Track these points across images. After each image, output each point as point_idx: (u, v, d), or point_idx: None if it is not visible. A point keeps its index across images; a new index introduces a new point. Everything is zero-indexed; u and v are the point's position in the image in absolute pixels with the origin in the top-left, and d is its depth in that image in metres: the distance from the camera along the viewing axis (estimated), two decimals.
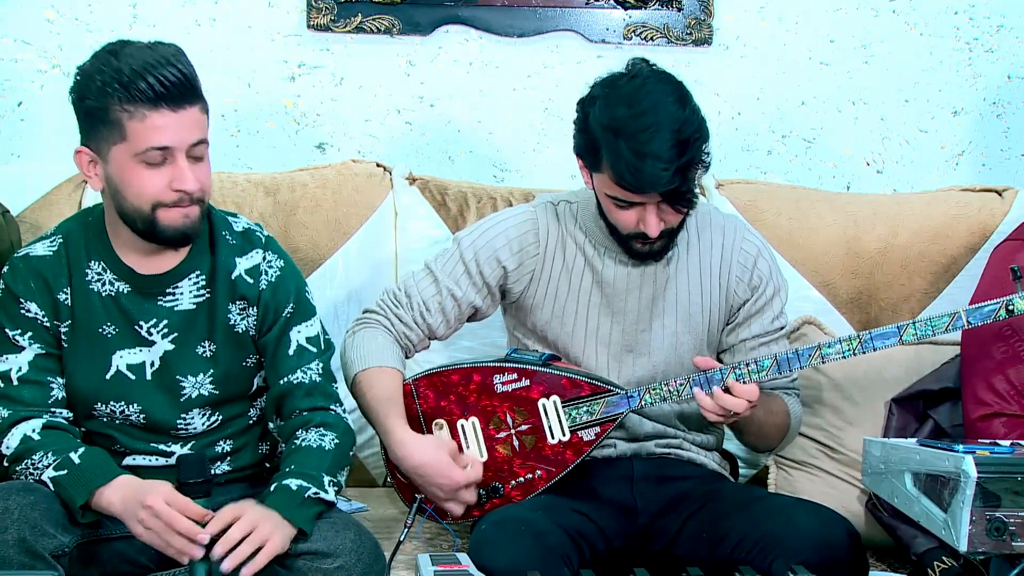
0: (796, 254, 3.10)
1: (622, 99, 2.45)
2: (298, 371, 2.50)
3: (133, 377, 2.46)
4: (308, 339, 2.52)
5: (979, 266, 2.93)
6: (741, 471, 3.02)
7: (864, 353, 2.49)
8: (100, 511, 2.32)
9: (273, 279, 2.51)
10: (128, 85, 2.27)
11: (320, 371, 2.52)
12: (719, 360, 2.68)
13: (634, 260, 2.61)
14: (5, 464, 2.41)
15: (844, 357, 2.49)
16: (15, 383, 2.43)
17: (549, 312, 2.66)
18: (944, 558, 2.56)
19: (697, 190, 2.50)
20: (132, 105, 2.28)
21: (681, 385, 2.54)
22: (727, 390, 2.48)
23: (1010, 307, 2.45)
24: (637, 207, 2.49)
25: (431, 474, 2.54)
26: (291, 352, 2.50)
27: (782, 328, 2.70)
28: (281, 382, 2.51)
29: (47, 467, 2.33)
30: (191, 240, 2.41)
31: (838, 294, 3.13)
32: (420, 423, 2.63)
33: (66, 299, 2.44)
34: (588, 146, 2.50)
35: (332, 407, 2.52)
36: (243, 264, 2.50)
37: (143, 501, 2.24)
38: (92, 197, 2.97)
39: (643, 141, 2.40)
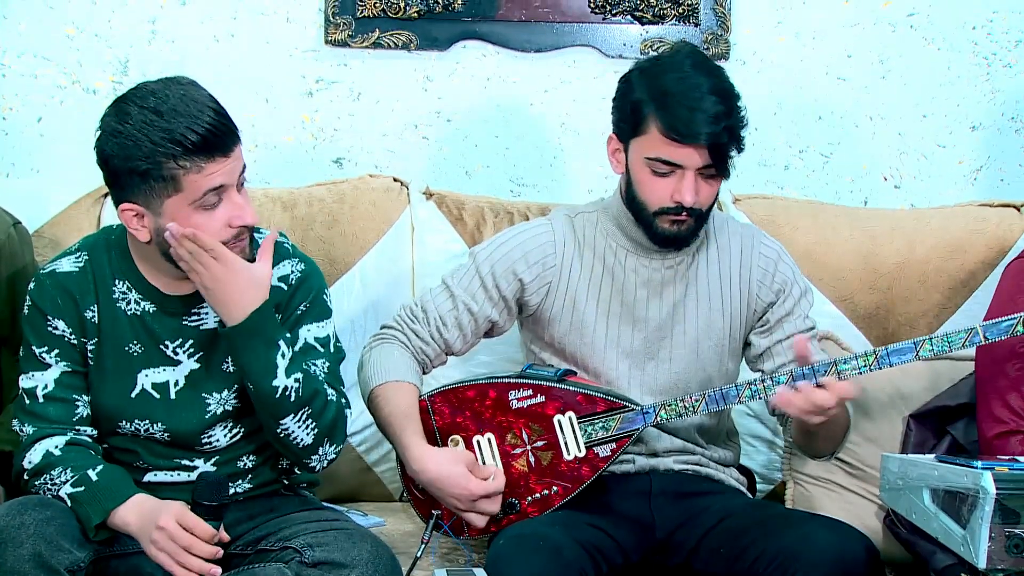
0: (813, 269, 3.10)
1: (669, 68, 2.54)
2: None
3: (158, 396, 2.46)
4: (317, 339, 2.52)
5: (996, 281, 2.92)
6: (759, 487, 3.02)
7: (880, 368, 2.47)
8: (116, 530, 2.33)
9: (294, 281, 2.51)
10: (183, 143, 2.26)
11: (326, 370, 2.51)
12: (753, 364, 2.70)
13: (658, 247, 2.60)
14: (25, 478, 2.41)
15: (860, 373, 2.47)
16: (41, 400, 2.44)
17: (567, 324, 2.67)
18: (963, 575, 2.55)
19: (732, 170, 2.56)
20: (188, 161, 2.27)
21: (697, 401, 2.54)
22: (819, 386, 2.43)
23: None
24: (675, 175, 2.51)
25: (448, 486, 2.53)
26: (297, 348, 2.49)
27: (812, 328, 2.71)
28: None
29: (65, 483, 2.34)
30: None
31: (856, 309, 3.13)
32: (436, 439, 2.63)
33: (93, 316, 2.45)
34: (630, 113, 2.55)
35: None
36: (275, 275, 2.49)
37: (156, 521, 2.25)
38: (111, 213, 2.97)
39: (694, 98, 2.49)
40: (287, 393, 2.39)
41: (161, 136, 2.26)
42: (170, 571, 2.26)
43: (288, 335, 2.43)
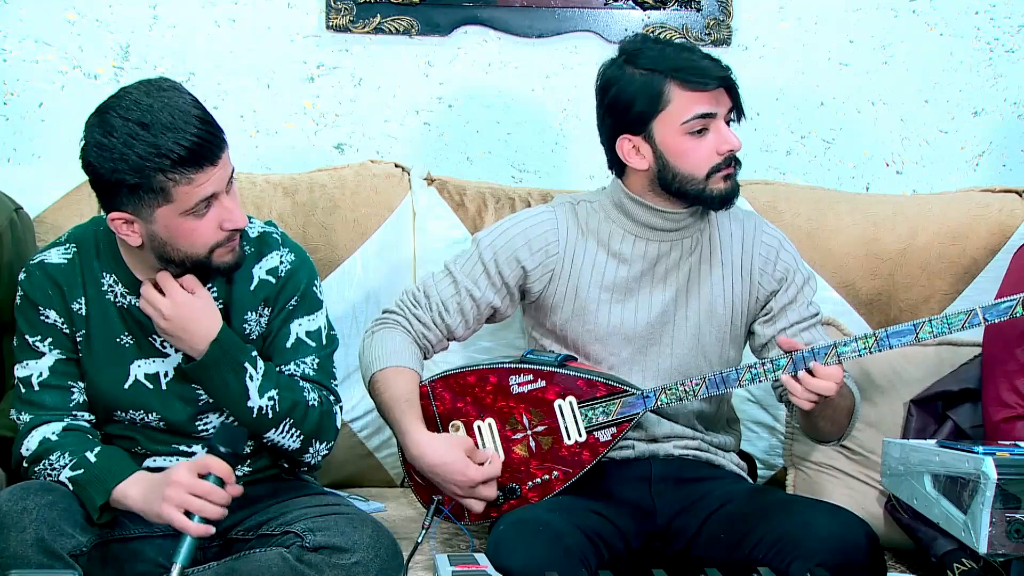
0: (815, 255, 3.10)
1: (645, 47, 2.58)
2: (291, 364, 2.51)
3: (151, 386, 2.48)
4: (308, 332, 2.53)
5: (999, 267, 2.93)
6: (760, 472, 3.02)
7: (880, 351, 2.47)
8: (119, 508, 2.33)
9: (284, 273, 2.51)
10: (171, 157, 2.24)
11: (316, 366, 2.53)
12: (758, 354, 2.70)
13: (715, 207, 2.60)
14: (24, 466, 2.42)
15: (860, 355, 2.47)
16: (36, 388, 2.45)
17: (570, 311, 2.66)
18: (964, 560, 2.55)
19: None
20: (177, 173, 2.26)
21: (697, 385, 2.54)
22: (810, 373, 2.46)
23: None
24: (710, 132, 2.54)
25: (447, 472, 2.54)
26: (288, 344, 2.51)
27: (817, 315, 2.70)
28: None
29: (64, 467, 2.35)
30: (240, 267, 2.43)
31: (858, 295, 3.13)
32: (437, 425, 2.63)
33: (80, 308, 2.45)
34: (639, 97, 2.55)
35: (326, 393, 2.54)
36: (263, 268, 2.51)
37: (168, 479, 2.26)
38: None
39: (691, 55, 2.56)
40: (264, 412, 2.43)
41: (148, 150, 2.24)
42: (182, 529, 2.24)
43: (255, 354, 2.45)
